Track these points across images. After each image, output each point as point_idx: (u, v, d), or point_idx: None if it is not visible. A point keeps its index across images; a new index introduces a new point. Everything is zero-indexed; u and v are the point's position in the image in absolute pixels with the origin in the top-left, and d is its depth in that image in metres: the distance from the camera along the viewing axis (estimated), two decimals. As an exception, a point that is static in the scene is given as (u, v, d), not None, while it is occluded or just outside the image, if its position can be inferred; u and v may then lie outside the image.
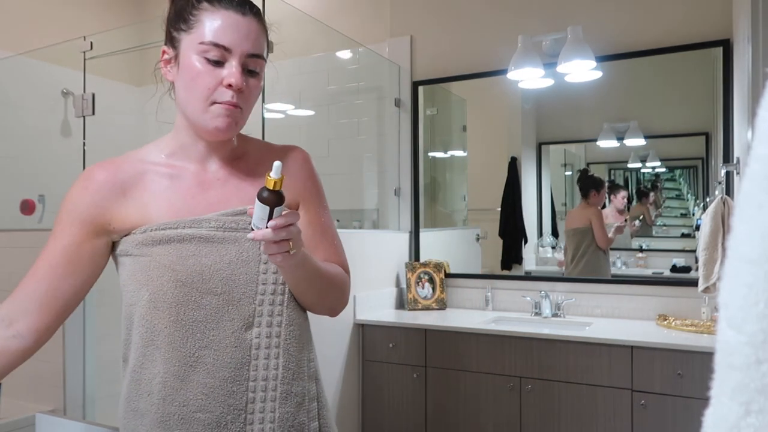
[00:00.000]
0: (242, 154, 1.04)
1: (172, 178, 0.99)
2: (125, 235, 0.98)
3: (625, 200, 2.85)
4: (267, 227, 0.82)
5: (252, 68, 0.94)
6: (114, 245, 1.00)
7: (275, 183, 0.80)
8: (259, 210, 0.81)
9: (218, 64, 0.92)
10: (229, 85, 0.91)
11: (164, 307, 0.93)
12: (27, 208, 3.19)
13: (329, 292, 1.03)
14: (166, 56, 1.00)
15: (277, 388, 0.97)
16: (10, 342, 0.96)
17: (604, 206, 2.88)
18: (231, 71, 0.91)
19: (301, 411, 1.00)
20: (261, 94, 2.49)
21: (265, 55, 0.97)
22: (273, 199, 0.80)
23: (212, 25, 0.92)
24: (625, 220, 2.83)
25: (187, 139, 1.01)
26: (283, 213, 0.83)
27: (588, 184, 2.90)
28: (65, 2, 3.58)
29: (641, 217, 2.81)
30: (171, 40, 0.98)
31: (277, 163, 0.80)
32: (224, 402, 0.94)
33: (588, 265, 2.82)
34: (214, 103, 0.92)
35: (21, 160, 3.27)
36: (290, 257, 0.86)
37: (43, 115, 3.41)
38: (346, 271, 1.09)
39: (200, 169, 1.00)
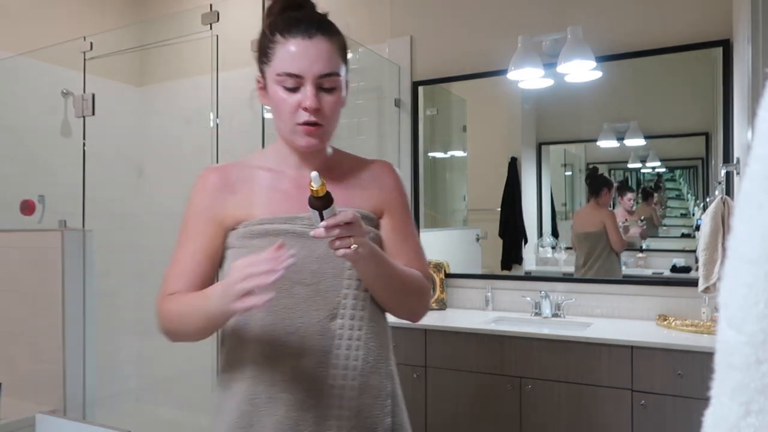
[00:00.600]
0: (336, 164, 1.15)
1: (273, 181, 1.10)
2: (231, 230, 1.09)
3: (632, 201, 2.83)
4: (320, 227, 0.92)
5: (327, 86, 1.03)
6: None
7: (317, 190, 0.90)
8: (313, 215, 0.93)
9: (295, 89, 1.02)
10: (305, 108, 1.02)
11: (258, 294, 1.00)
12: (27, 208, 3.19)
13: (406, 294, 1.10)
14: (259, 85, 1.11)
15: (356, 378, 1.05)
16: None
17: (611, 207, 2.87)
18: (305, 95, 1.01)
19: (376, 404, 1.07)
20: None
21: (339, 69, 1.04)
22: (318, 203, 0.91)
23: (283, 56, 1.02)
24: (642, 219, 2.80)
25: (285, 149, 1.12)
26: (336, 213, 0.92)
27: (600, 183, 2.87)
28: (65, 2, 3.58)
29: (649, 217, 2.80)
30: (260, 71, 1.09)
31: (314, 174, 0.89)
32: (307, 386, 1.02)
33: (602, 269, 2.80)
34: (297, 124, 1.03)
35: (21, 161, 3.27)
36: (355, 252, 0.93)
37: (43, 116, 3.41)
38: (427, 278, 1.16)
39: (298, 175, 1.10)
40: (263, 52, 1.06)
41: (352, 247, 0.93)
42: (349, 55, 1.16)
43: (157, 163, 3.80)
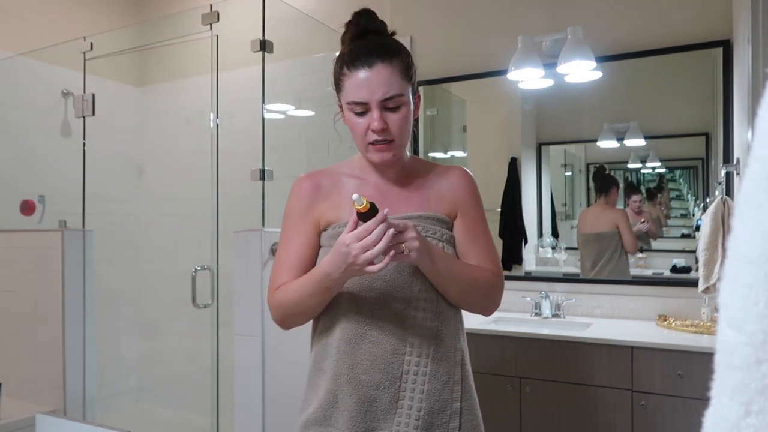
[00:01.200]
0: (412, 171, 1.28)
1: (358, 188, 1.22)
2: (323, 230, 1.23)
3: (640, 202, 2.79)
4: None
5: (392, 107, 1.15)
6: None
7: (361, 209, 1.02)
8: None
9: (364, 114, 1.15)
10: (374, 130, 1.14)
11: (344, 288, 1.15)
12: (27, 208, 3.19)
13: (472, 292, 1.20)
14: (339, 110, 1.23)
15: (428, 365, 1.16)
16: None
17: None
18: (372, 118, 1.14)
19: (445, 389, 1.18)
20: (261, 95, 2.48)
21: (401, 89, 1.15)
22: (363, 219, 1.03)
23: (350, 86, 1.15)
24: (645, 220, 2.77)
25: (366, 160, 1.25)
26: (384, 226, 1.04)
27: (609, 181, 2.83)
28: (65, 3, 3.58)
29: (656, 217, 2.78)
30: (338, 98, 1.22)
31: (355, 196, 1.02)
32: (384, 369, 1.15)
33: (613, 271, 2.75)
34: (369, 143, 1.17)
35: (21, 161, 3.27)
36: (407, 256, 1.06)
37: (43, 116, 3.41)
38: (496, 275, 1.25)
39: (380, 182, 1.25)
40: (336, 82, 1.20)
41: (405, 252, 1.06)
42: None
43: (157, 164, 3.80)
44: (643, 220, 2.77)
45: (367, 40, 1.19)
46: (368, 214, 1.03)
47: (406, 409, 1.15)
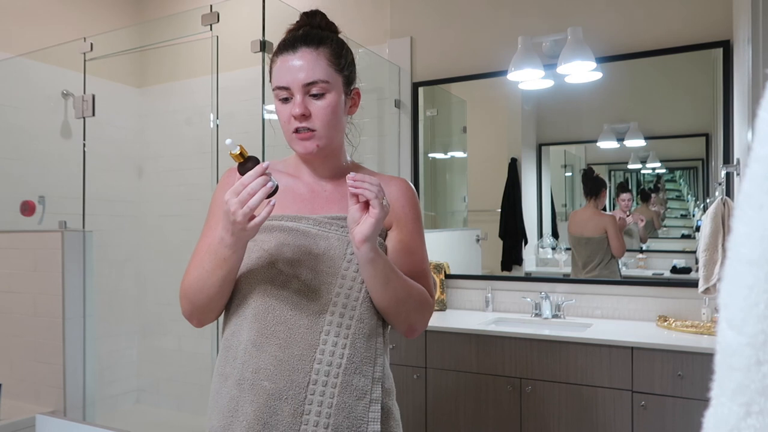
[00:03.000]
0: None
1: (289, 185, 1.18)
2: None
3: (630, 201, 2.80)
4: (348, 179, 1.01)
5: (315, 92, 1.10)
6: None
7: (234, 157, 1.00)
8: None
9: (287, 100, 1.11)
10: (294, 116, 1.09)
11: (255, 282, 1.09)
12: (27, 209, 3.19)
13: (406, 300, 1.11)
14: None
15: (339, 375, 1.06)
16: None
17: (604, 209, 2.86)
18: (293, 104, 1.10)
19: (360, 405, 1.07)
20: (262, 96, 2.48)
21: (326, 76, 1.10)
22: (249, 165, 0.99)
23: (275, 72, 1.13)
24: (648, 219, 2.76)
25: (299, 158, 1.21)
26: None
27: (599, 184, 2.84)
28: (65, 3, 3.58)
29: (649, 219, 2.78)
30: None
31: (228, 141, 0.99)
32: (288, 376, 1.05)
33: (602, 274, 2.77)
34: (292, 132, 1.12)
35: (21, 162, 3.27)
36: (383, 209, 1.00)
37: (43, 117, 3.41)
38: (431, 294, 1.18)
39: (313, 180, 1.19)
40: (270, 73, 1.16)
41: (384, 202, 1.00)
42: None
43: (157, 164, 3.80)
44: (628, 213, 2.78)
45: (299, 30, 1.16)
46: (248, 166, 0.99)
47: (311, 425, 1.04)
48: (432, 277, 1.23)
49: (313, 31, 1.14)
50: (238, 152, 1.00)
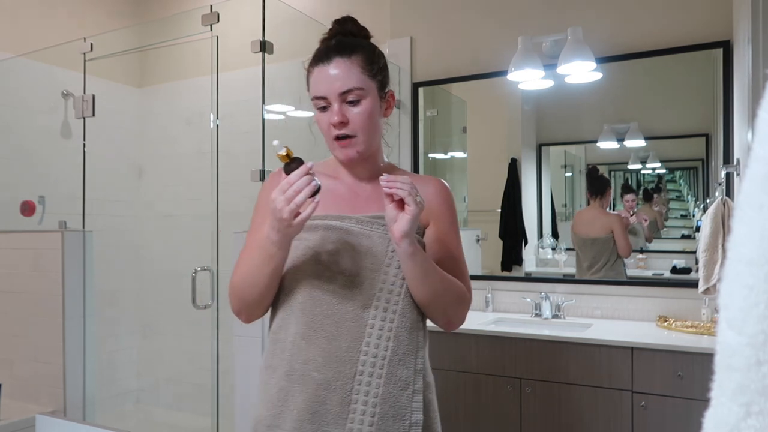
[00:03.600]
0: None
1: (330, 186, 1.22)
2: None
3: (635, 202, 2.78)
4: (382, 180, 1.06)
5: (351, 100, 1.15)
6: None
7: (280, 157, 1.05)
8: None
9: (326, 109, 1.16)
10: (333, 124, 1.14)
11: (302, 278, 1.14)
12: (27, 209, 3.19)
13: (444, 295, 1.16)
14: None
15: (384, 367, 1.11)
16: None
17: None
18: (331, 112, 1.15)
19: (404, 395, 1.12)
20: (262, 96, 2.48)
21: (361, 83, 1.15)
22: (293, 166, 1.04)
23: (312, 83, 1.18)
24: (652, 219, 2.73)
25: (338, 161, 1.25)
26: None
27: (604, 183, 2.82)
28: (65, 4, 3.58)
29: (653, 219, 2.77)
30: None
31: (275, 142, 1.06)
32: (336, 367, 1.10)
33: (609, 275, 2.74)
34: (333, 140, 1.16)
35: (21, 162, 3.27)
36: (417, 205, 1.04)
37: (43, 117, 3.41)
38: (468, 290, 1.23)
39: (352, 181, 1.24)
40: (307, 83, 1.21)
41: (418, 199, 1.04)
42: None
43: (157, 165, 3.80)
44: (632, 213, 2.77)
45: (331, 40, 1.21)
46: (292, 166, 1.04)
47: (359, 413, 1.09)
48: (467, 272, 1.27)
49: (345, 39, 1.20)
50: (285, 153, 1.05)
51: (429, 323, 1.23)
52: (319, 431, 1.09)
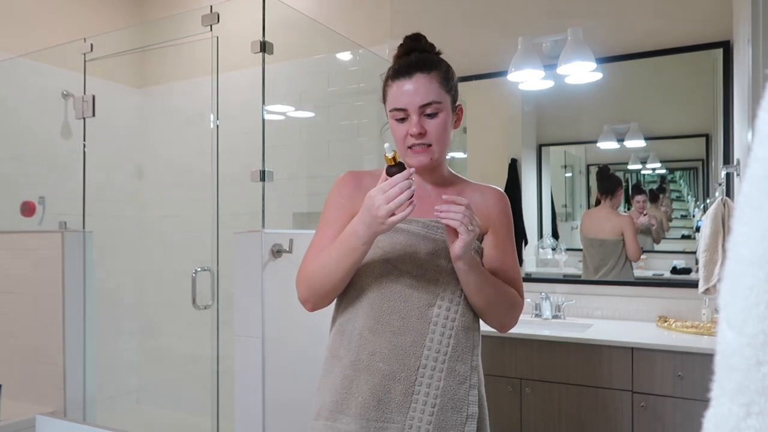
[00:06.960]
0: (450, 183, 1.37)
1: None
2: None
3: (645, 203, 2.74)
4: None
5: (429, 113, 1.24)
6: None
7: (388, 159, 1.14)
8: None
9: (404, 120, 1.25)
10: (412, 134, 1.23)
11: (372, 276, 1.24)
12: (27, 209, 3.19)
13: (497, 303, 1.26)
14: (387, 119, 1.33)
15: (445, 362, 1.21)
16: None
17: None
18: (410, 124, 1.24)
19: (462, 389, 1.21)
20: (262, 96, 2.48)
21: (438, 97, 1.24)
22: (395, 170, 1.13)
23: (392, 95, 1.26)
24: (659, 220, 2.69)
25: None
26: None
27: (615, 183, 2.78)
28: (65, 4, 3.58)
29: (660, 219, 2.75)
30: (385, 109, 1.33)
31: (386, 145, 1.14)
32: (401, 360, 1.19)
33: (617, 278, 2.71)
34: (408, 148, 1.25)
35: (21, 162, 3.27)
36: (469, 233, 1.12)
37: (43, 117, 3.41)
38: (520, 295, 1.33)
39: (421, 188, 1.31)
40: (383, 94, 1.31)
41: (471, 227, 1.12)
42: (349, 57, 1.21)
43: (157, 165, 3.80)
44: (645, 212, 2.74)
45: (410, 56, 1.29)
46: (394, 170, 1.13)
47: (420, 404, 1.18)
48: (521, 278, 1.36)
49: (423, 56, 1.28)
50: (392, 156, 1.14)
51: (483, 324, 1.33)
52: (383, 418, 1.18)
